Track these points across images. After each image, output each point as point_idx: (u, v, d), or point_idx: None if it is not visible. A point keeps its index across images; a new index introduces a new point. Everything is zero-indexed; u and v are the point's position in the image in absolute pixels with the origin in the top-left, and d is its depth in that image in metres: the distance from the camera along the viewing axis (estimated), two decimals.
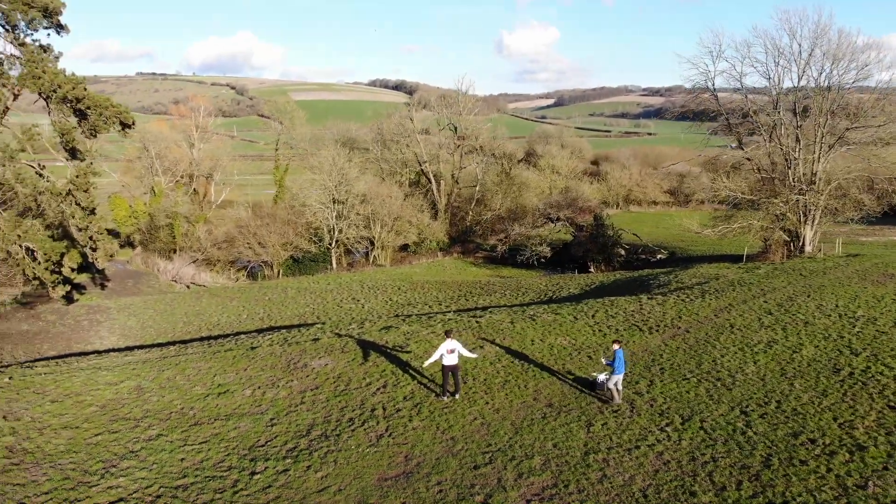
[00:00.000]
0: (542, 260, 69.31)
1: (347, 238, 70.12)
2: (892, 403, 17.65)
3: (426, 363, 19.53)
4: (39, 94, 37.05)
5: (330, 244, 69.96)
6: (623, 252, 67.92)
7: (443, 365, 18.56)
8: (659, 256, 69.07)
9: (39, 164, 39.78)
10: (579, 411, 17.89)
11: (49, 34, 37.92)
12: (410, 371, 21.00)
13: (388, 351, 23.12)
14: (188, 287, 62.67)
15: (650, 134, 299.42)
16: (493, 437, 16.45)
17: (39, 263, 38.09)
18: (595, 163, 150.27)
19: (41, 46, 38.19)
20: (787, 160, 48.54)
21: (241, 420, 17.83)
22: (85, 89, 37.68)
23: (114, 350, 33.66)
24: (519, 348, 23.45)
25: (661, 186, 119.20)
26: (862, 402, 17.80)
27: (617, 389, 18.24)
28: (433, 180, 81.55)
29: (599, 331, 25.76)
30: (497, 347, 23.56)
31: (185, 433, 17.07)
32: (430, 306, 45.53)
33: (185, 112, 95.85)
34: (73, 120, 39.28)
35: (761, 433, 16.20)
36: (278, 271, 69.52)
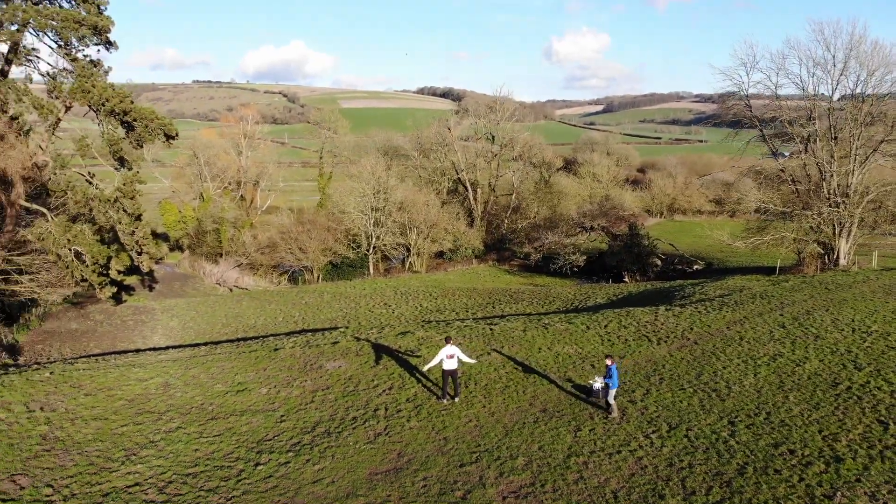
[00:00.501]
0: (576, 269, 69.58)
1: (384, 244, 71.75)
2: (882, 418, 17.89)
3: (426, 367, 20.62)
4: (89, 106, 39.59)
5: (367, 250, 71.69)
6: (659, 262, 67.68)
7: (443, 369, 19.60)
8: (695, 267, 68.60)
9: (89, 173, 42.45)
10: (571, 417, 18.68)
11: (98, 50, 40.47)
12: (417, 374, 22.10)
13: (400, 355, 24.27)
14: (230, 290, 65.20)
15: (701, 141, 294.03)
16: (484, 438, 17.40)
17: (87, 266, 40.62)
18: (641, 170, 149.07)
19: (92, 62, 40.79)
20: (821, 172, 47.94)
21: (255, 416, 19.21)
22: (132, 102, 40.04)
23: (151, 349, 35.71)
24: (525, 356, 24.29)
25: (706, 195, 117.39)
26: (852, 416, 18.08)
27: (613, 403, 18.75)
28: (470, 188, 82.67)
29: (608, 340, 26.38)
30: (505, 354, 24.45)
31: (201, 426, 18.52)
32: (456, 313, 46.57)
33: (234, 120, 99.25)
34: (121, 131, 41.81)
35: (743, 442, 16.71)
36: (318, 276, 71.58)
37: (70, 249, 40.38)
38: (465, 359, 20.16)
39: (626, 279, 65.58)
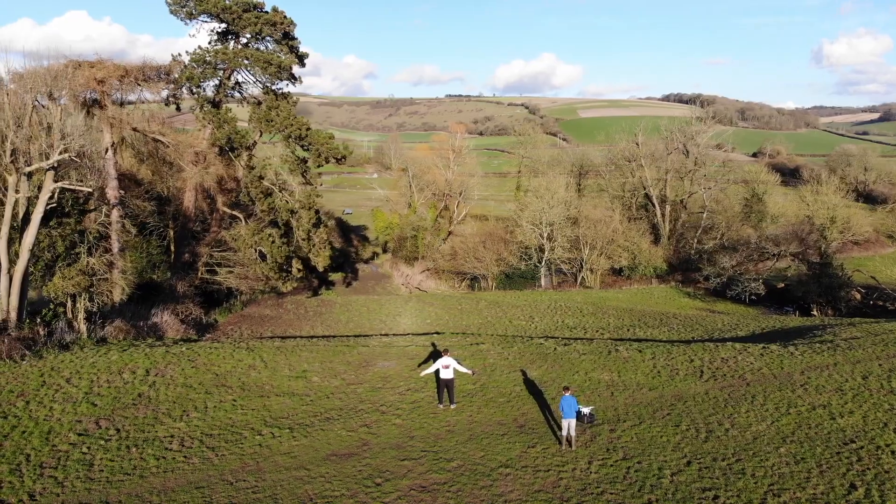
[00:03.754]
0: (754, 297, 64.65)
1: (555, 258, 73.38)
2: (858, 481, 16.68)
3: (422, 374, 23.26)
4: (277, 132, 47.91)
5: (538, 263, 73.93)
6: (858, 296, 60.29)
7: (440, 378, 22.13)
8: None
9: (278, 186, 50.99)
10: (538, 435, 20.10)
11: (286, 84, 48.73)
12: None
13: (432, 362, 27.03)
14: (410, 292, 71.91)
15: None
16: (443, 441, 19.70)
17: (267, 264, 49.03)
18: None
19: (282, 94, 49.20)
20: None
21: (291, 398, 23.52)
22: (308, 129, 47.55)
23: (294, 337, 42.28)
24: (556, 377, 25.59)
25: None
26: (826, 476, 17.09)
27: (565, 434, 19.20)
28: (657, 204, 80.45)
29: (655, 371, 26.40)
30: (540, 372, 25.98)
31: (248, 401, 23.26)
32: (586, 331, 47.26)
33: (444, 138, 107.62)
34: (302, 153, 49.75)
35: (678, 482, 16.97)
36: (493, 285, 75.57)
37: (255, 249, 49.19)
38: (462, 369, 22.44)
39: (815, 312, 59.56)
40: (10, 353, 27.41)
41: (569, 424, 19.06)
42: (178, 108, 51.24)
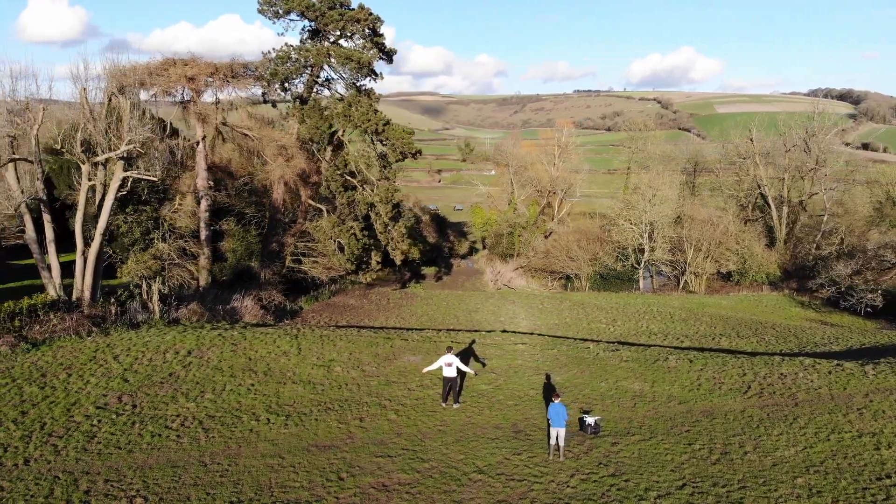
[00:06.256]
0: (869, 309, 57.88)
1: (655, 260, 69.66)
2: None
3: (424, 370, 22.56)
4: (355, 127, 48.82)
5: (636, 264, 70.52)
6: None
7: (444, 377, 21.45)
8: None
9: (358, 180, 51.97)
10: (530, 442, 18.97)
11: (369, 80, 49.47)
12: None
13: (462, 360, 26.25)
14: (498, 289, 71.02)
15: None
16: (431, 440, 19.06)
17: (344, 255, 50.14)
18: None
19: (365, 91, 50.04)
20: None
21: (304, 386, 23.76)
22: (385, 125, 48.06)
23: (358, 327, 42.83)
24: (581, 382, 24.13)
25: None
26: None
27: (552, 443, 17.97)
28: (772, 205, 74.10)
29: (695, 383, 24.22)
30: (565, 377, 24.60)
31: (264, 386, 23.74)
32: (666, 337, 44.43)
33: (550, 134, 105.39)
34: (381, 148, 50.39)
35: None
36: (586, 285, 73.00)
37: (335, 241, 50.48)
38: (465, 369, 21.63)
39: None
40: (78, 329, 29.77)
41: (557, 434, 17.79)
42: (273, 105, 53.60)
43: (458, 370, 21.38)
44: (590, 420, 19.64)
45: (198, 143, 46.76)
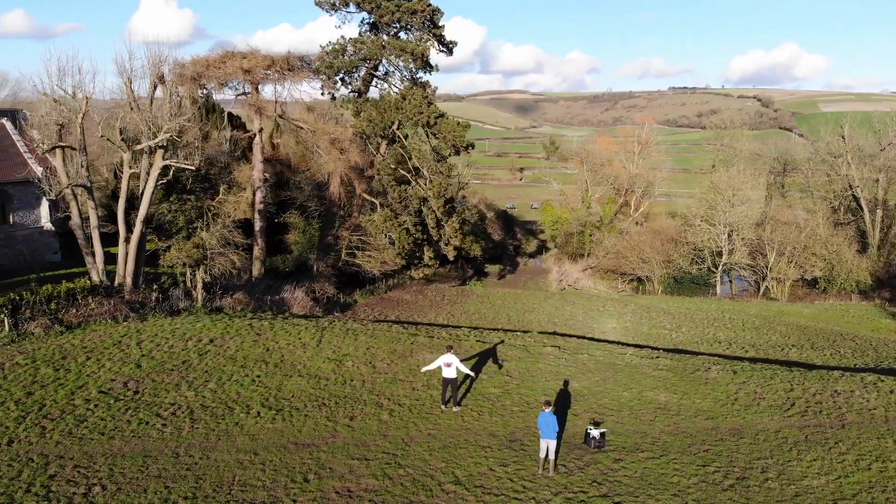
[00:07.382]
0: None
1: (734, 263, 65.23)
2: None
3: (423, 369, 21.21)
4: (407, 120, 47.99)
5: (712, 267, 66.29)
6: None
7: (443, 377, 20.14)
8: None
9: (412, 174, 51.09)
10: (522, 454, 17.40)
11: (425, 73, 48.57)
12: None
13: (480, 361, 24.80)
14: (562, 290, 68.53)
15: None
16: (416, 445, 17.81)
17: (394, 250, 49.43)
18: None
19: (420, 83, 49.20)
20: None
21: (308, 380, 23.01)
22: (437, 117, 46.95)
23: (394, 322, 41.95)
24: (600, 391, 22.24)
25: None
26: None
27: (542, 455, 16.33)
28: (865, 208, 67.76)
29: (731, 398, 21.81)
30: (584, 385, 22.75)
31: (270, 378, 23.17)
32: (730, 346, 41.28)
33: (629, 130, 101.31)
34: (435, 141, 49.35)
35: None
36: (659, 288, 69.28)
37: (386, 235, 49.91)
38: (464, 369, 20.22)
39: None
40: (115, 314, 30.38)
41: (547, 446, 16.14)
42: (333, 98, 53.63)
43: (458, 371, 20.00)
44: (594, 432, 17.82)
45: (254, 136, 47.32)
